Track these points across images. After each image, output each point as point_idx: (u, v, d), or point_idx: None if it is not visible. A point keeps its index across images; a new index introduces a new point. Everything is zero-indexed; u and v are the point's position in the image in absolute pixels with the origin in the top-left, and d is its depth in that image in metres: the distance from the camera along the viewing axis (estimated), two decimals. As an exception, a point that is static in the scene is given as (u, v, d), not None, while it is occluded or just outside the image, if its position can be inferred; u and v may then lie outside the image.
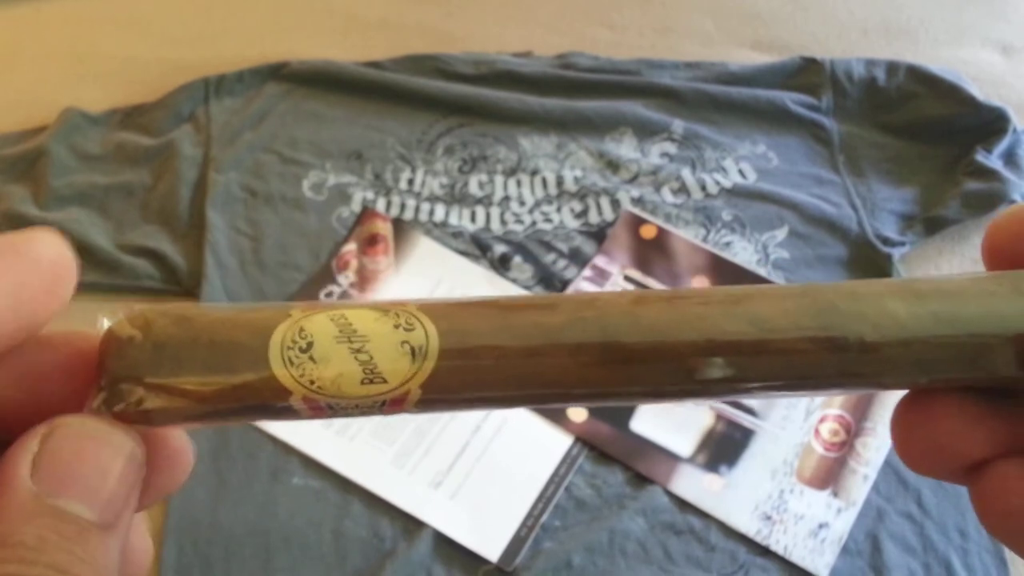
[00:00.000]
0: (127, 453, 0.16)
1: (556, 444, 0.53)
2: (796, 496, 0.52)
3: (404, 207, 0.62)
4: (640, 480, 0.52)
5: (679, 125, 0.65)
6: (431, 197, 0.62)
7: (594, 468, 0.53)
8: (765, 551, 0.50)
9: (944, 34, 0.72)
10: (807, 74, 0.67)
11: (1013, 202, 0.60)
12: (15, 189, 0.61)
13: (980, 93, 0.63)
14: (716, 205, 0.62)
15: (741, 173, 0.63)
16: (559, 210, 0.62)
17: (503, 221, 0.61)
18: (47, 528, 0.15)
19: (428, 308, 0.17)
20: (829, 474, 0.52)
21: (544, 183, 0.63)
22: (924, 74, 0.65)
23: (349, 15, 0.74)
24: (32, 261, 0.16)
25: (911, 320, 0.17)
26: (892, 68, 0.66)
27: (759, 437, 0.53)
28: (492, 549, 0.50)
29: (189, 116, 0.65)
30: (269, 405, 0.17)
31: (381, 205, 0.62)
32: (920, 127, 0.64)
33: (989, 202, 0.60)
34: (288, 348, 0.17)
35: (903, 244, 0.59)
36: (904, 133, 0.64)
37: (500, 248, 0.60)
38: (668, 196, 0.62)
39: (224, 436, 0.53)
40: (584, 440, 0.53)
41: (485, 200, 0.62)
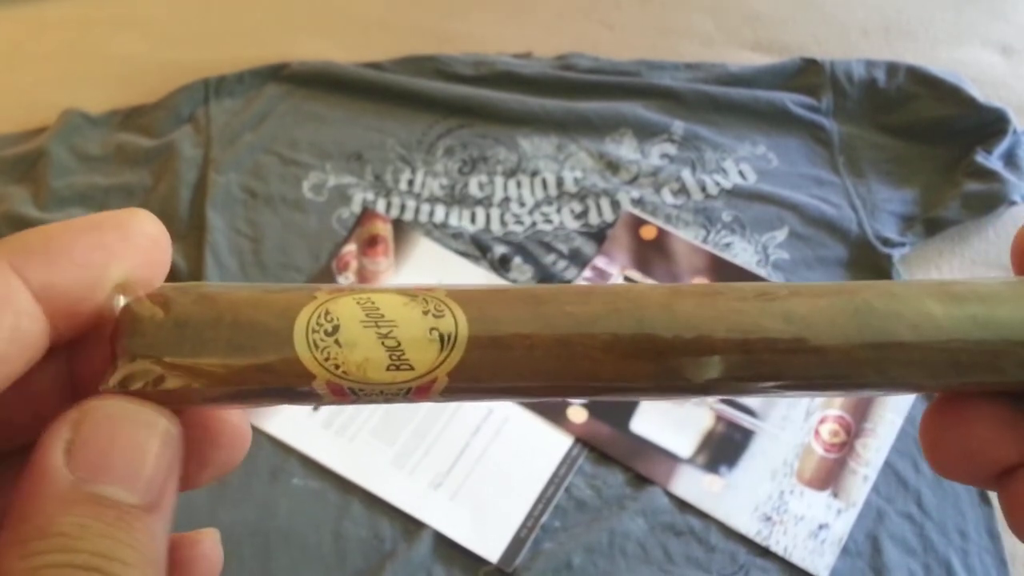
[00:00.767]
0: (162, 432, 0.16)
1: (556, 445, 0.53)
2: (796, 497, 0.52)
3: (404, 208, 0.62)
4: (640, 481, 0.52)
5: (679, 126, 0.65)
6: (431, 198, 0.62)
7: (594, 469, 0.53)
8: (765, 552, 0.50)
9: (944, 35, 0.72)
10: (807, 75, 0.67)
11: (1013, 203, 0.60)
12: (15, 190, 0.62)
13: (980, 94, 0.63)
14: (716, 206, 0.62)
15: (741, 174, 0.63)
16: (559, 211, 0.62)
17: (503, 222, 0.61)
18: (87, 515, 0.14)
19: (458, 295, 0.17)
20: (829, 475, 0.52)
21: (544, 184, 0.63)
22: (924, 75, 0.65)
23: (349, 15, 0.74)
24: (139, 235, 0.17)
25: (948, 322, 0.17)
26: (892, 69, 0.66)
27: (759, 438, 0.53)
28: (492, 550, 0.50)
29: (189, 117, 0.65)
30: (292, 388, 0.16)
31: (381, 206, 0.62)
32: (920, 128, 0.64)
33: (989, 203, 0.60)
34: (313, 331, 0.16)
35: (903, 245, 0.59)
36: (904, 134, 0.64)
37: (500, 249, 0.60)
38: (668, 197, 0.62)
39: (224, 437, 0.53)
40: (584, 441, 0.53)
41: (485, 201, 0.62)
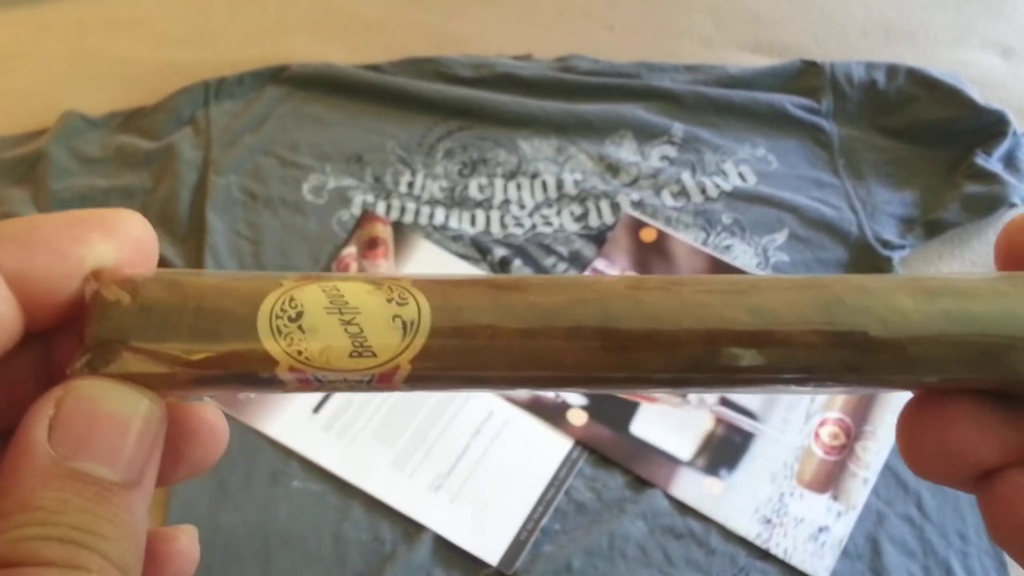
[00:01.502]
0: (144, 412, 0.16)
1: (556, 447, 0.53)
2: (796, 499, 0.52)
3: (404, 210, 0.62)
4: (640, 483, 0.52)
5: (679, 128, 0.65)
6: (431, 200, 0.62)
7: (594, 471, 0.53)
8: (765, 554, 0.50)
9: (944, 37, 0.72)
10: (807, 77, 0.67)
11: (1013, 205, 0.60)
12: (15, 192, 0.61)
13: (980, 96, 0.63)
14: (716, 208, 0.62)
15: (741, 176, 0.63)
16: (559, 213, 0.62)
17: (503, 224, 0.61)
18: (68, 490, 0.15)
19: (422, 284, 0.17)
20: (829, 477, 0.52)
21: (544, 186, 0.63)
22: (924, 77, 0.65)
23: (349, 17, 0.74)
24: (123, 234, 0.17)
25: (920, 317, 0.16)
26: (892, 71, 0.66)
27: (759, 440, 0.53)
28: (492, 552, 0.50)
29: (189, 119, 0.65)
30: (255, 375, 0.16)
31: (381, 208, 0.62)
32: (920, 130, 0.64)
33: (989, 205, 0.60)
34: (277, 317, 0.16)
35: (903, 247, 0.59)
36: (904, 136, 0.64)
37: (500, 251, 0.60)
38: (668, 199, 0.62)
39: (224, 439, 0.53)
40: (584, 443, 0.53)
41: (485, 203, 0.62)
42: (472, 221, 0.61)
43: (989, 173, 0.60)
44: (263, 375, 0.16)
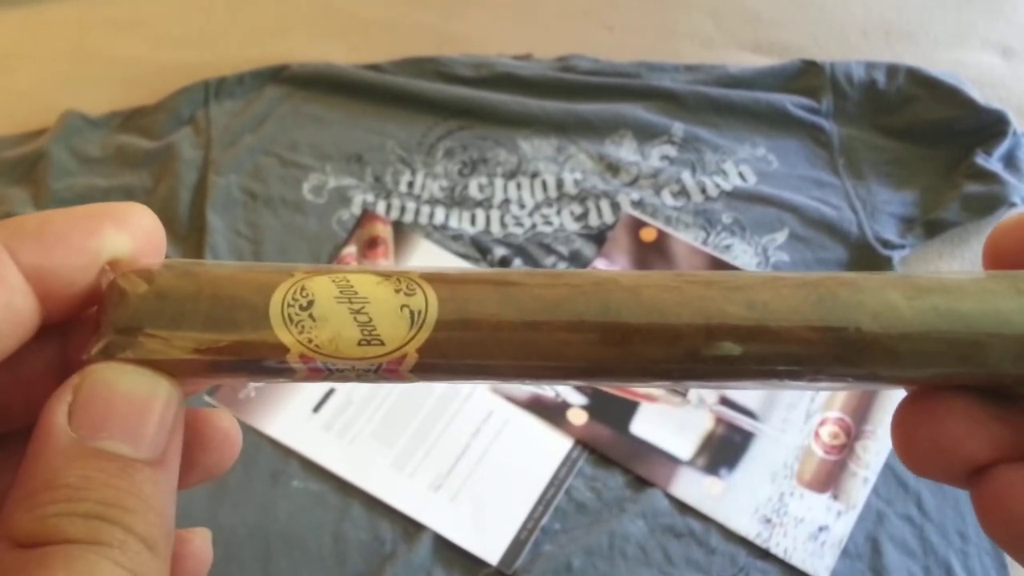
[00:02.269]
0: (164, 394, 0.16)
1: (556, 447, 0.53)
2: (796, 499, 0.52)
3: (404, 210, 0.62)
4: (640, 483, 0.52)
5: (679, 128, 0.65)
6: (431, 200, 0.62)
7: (594, 471, 0.53)
8: (765, 554, 0.50)
9: (944, 37, 0.72)
10: (807, 77, 0.67)
11: (1013, 205, 0.60)
12: (15, 192, 0.62)
13: (980, 96, 0.63)
14: (716, 208, 0.62)
15: (741, 176, 0.63)
16: (559, 213, 0.62)
17: (503, 224, 0.61)
18: (90, 468, 0.15)
19: (430, 276, 0.18)
20: (829, 477, 0.52)
21: (544, 186, 0.63)
22: (924, 77, 0.65)
23: (349, 17, 0.74)
24: (135, 226, 0.18)
25: (911, 313, 0.17)
26: (892, 71, 0.66)
27: (759, 440, 0.53)
28: (492, 552, 0.50)
29: (189, 119, 0.65)
30: (267, 362, 0.17)
31: (381, 208, 0.62)
32: (920, 130, 0.64)
33: (989, 205, 0.60)
34: (289, 306, 0.17)
35: (903, 247, 0.59)
36: (904, 136, 0.64)
37: (500, 251, 0.60)
38: (668, 199, 0.62)
39: (224, 439, 0.53)
40: (584, 443, 0.53)
41: (485, 203, 0.62)
42: (472, 221, 0.61)
43: (989, 173, 0.60)
44: (274, 363, 0.17)
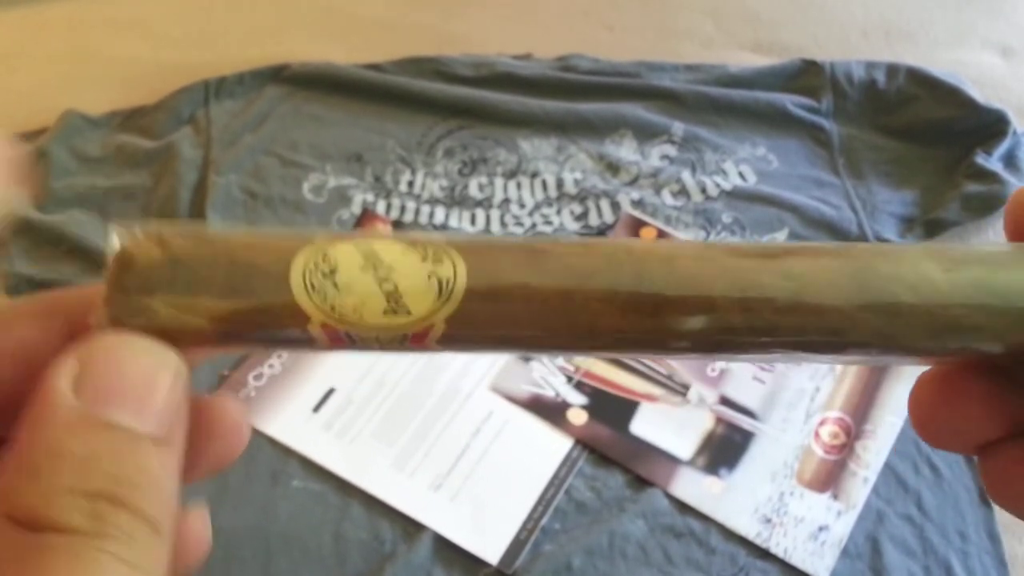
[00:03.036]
0: (173, 367, 0.16)
1: (556, 447, 0.53)
2: (796, 499, 0.52)
3: (404, 209, 0.62)
4: (640, 483, 0.52)
5: (679, 127, 0.65)
6: (431, 199, 0.62)
7: (594, 471, 0.53)
8: (765, 554, 0.50)
9: (944, 36, 0.72)
10: (807, 76, 0.67)
11: (1013, 204, 0.60)
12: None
13: (980, 95, 0.63)
14: (716, 207, 0.62)
15: (741, 175, 0.63)
16: (559, 212, 0.62)
17: (503, 223, 0.61)
18: (96, 441, 0.14)
19: (458, 244, 0.17)
20: (829, 477, 0.52)
21: (544, 185, 0.63)
22: (924, 76, 0.65)
23: (349, 16, 0.74)
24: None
25: (948, 285, 0.17)
26: (892, 71, 0.66)
27: (759, 440, 0.53)
28: (492, 551, 0.50)
29: (189, 118, 0.65)
30: (286, 330, 0.16)
31: (381, 207, 0.62)
32: (920, 129, 0.64)
33: (989, 204, 0.60)
34: (311, 273, 0.16)
35: (903, 246, 0.59)
36: (904, 135, 0.64)
37: (500, 250, 0.60)
38: (668, 198, 0.62)
39: (224, 438, 0.53)
40: (584, 443, 0.53)
41: (485, 202, 0.62)
42: (472, 220, 0.61)
43: (989, 172, 0.60)
44: (294, 331, 0.16)
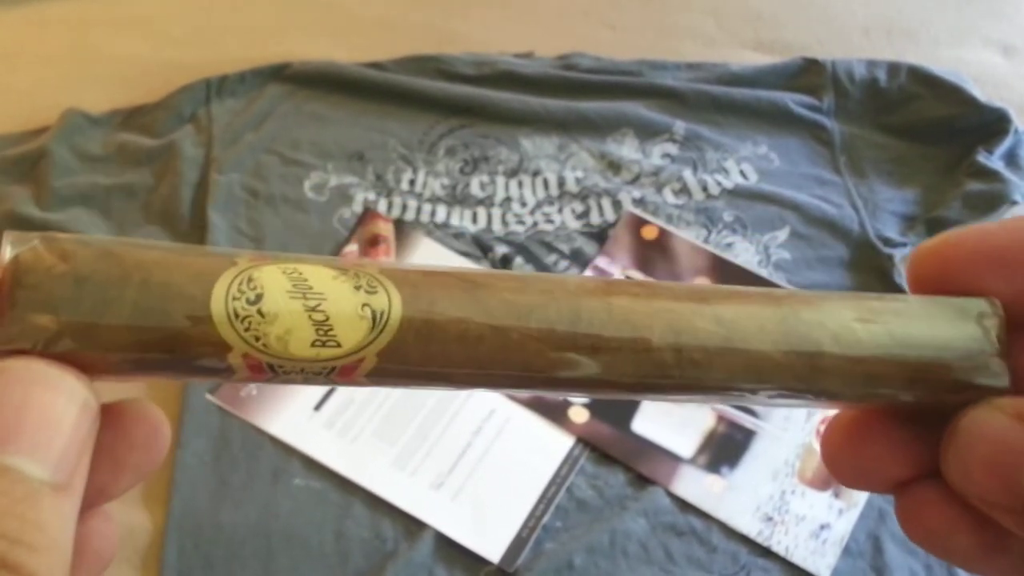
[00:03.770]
0: (80, 402, 0.14)
1: (557, 445, 0.53)
2: (798, 497, 0.52)
3: (406, 208, 0.62)
4: (641, 481, 0.52)
5: (680, 126, 0.65)
6: (432, 198, 0.62)
7: (595, 469, 0.53)
8: (767, 552, 0.50)
9: (945, 35, 0.72)
10: (809, 75, 0.67)
11: (1015, 203, 0.60)
12: (16, 190, 0.61)
13: (981, 94, 0.63)
14: (717, 206, 0.62)
15: (743, 174, 0.63)
16: (560, 211, 0.62)
17: (504, 222, 0.61)
18: None
19: (391, 272, 0.16)
20: (830, 476, 0.52)
21: (545, 184, 0.63)
22: (925, 75, 0.65)
23: (350, 15, 0.74)
24: None
25: (867, 336, 0.17)
26: (893, 69, 0.66)
27: (760, 438, 0.53)
28: (494, 550, 0.50)
29: (191, 117, 0.65)
30: (203, 359, 0.15)
31: (383, 206, 0.62)
32: (921, 128, 0.64)
33: (990, 203, 0.60)
34: (234, 298, 0.15)
35: (904, 245, 0.59)
36: (905, 134, 0.64)
37: (501, 249, 0.60)
38: (670, 197, 0.62)
39: (226, 437, 0.53)
40: (585, 441, 0.53)
41: (486, 201, 0.62)
42: (473, 219, 0.61)
43: (990, 171, 0.60)
44: (212, 361, 0.15)
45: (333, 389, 0.55)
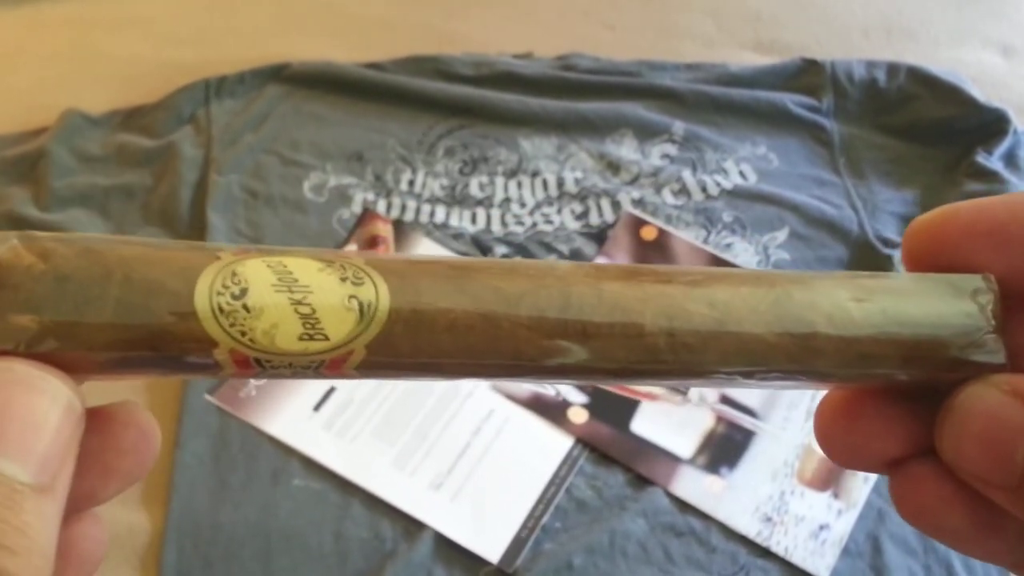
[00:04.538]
0: (64, 403, 0.14)
1: (557, 445, 0.53)
2: (797, 497, 0.52)
3: (405, 208, 0.62)
4: (641, 481, 0.52)
5: (680, 126, 0.65)
6: (432, 198, 0.62)
7: (595, 469, 0.53)
8: (766, 552, 0.50)
9: (945, 35, 0.72)
10: (808, 75, 0.67)
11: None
12: (16, 191, 0.61)
13: (980, 94, 0.63)
14: (717, 206, 0.62)
15: (742, 174, 0.63)
16: (560, 211, 0.62)
17: (504, 223, 0.61)
18: None
19: (377, 263, 0.16)
20: (830, 475, 0.52)
21: (545, 184, 0.63)
22: (925, 75, 0.65)
23: (350, 16, 0.74)
24: None
25: (861, 314, 0.17)
26: (893, 69, 0.66)
27: (760, 439, 0.53)
28: (493, 550, 0.50)
29: (190, 117, 0.65)
30: (189, 356, 0.15)
31: (382, 206, 0.62)
32: (921, 128, 0.64)
33: (990, 203, 0.60)
34: (218, 293, 0.15)
35: (904, 245, 0.59)
36: (905, 134, 0.64)
37: (501, 249, 0.60)
38: (669, 197, 0.62)
39: (225, 437, 0.53)
40: (585, 441, 0.53)
41: (486, 201, 0.62)
42: (473, 219, 0.61)
43: (990, 171, 0.60)
44: (198, 357, 0.15)
45: (332, 389, 0.55)
